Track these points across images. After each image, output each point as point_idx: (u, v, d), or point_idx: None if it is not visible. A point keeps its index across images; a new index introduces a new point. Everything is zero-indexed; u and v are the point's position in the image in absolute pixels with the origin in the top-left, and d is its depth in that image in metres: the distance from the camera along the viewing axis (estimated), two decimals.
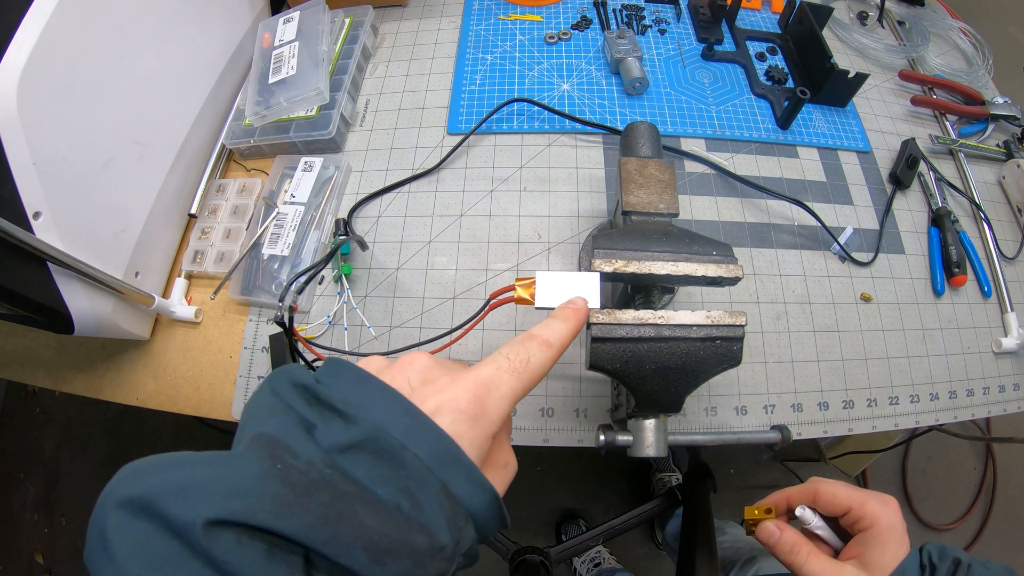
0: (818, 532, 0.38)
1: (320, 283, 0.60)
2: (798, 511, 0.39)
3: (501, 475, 0.25)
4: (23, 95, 0.40)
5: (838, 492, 0.37)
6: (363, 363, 0.23)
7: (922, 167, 0.69)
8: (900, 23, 0.85)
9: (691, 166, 0.66)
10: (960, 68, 0.80)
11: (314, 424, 0.19)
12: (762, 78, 0.73)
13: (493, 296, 0.36)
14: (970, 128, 0.75)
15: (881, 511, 0.36)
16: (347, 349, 0.56)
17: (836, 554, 0.38)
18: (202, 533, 0.15)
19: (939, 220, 0.65)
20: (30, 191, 0.41)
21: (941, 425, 0.59)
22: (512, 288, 0.34)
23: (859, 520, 0.36)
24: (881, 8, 0.84)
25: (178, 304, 0.59)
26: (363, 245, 0.59)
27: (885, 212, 0.65)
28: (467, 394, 0.21)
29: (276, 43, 0.69)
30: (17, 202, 0.41)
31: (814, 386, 0.56)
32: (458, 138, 0.66)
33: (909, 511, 1.35)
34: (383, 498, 0.18)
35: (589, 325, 0.37)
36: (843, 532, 0.38)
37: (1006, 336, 0.61)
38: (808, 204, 0.62)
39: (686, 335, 0.37)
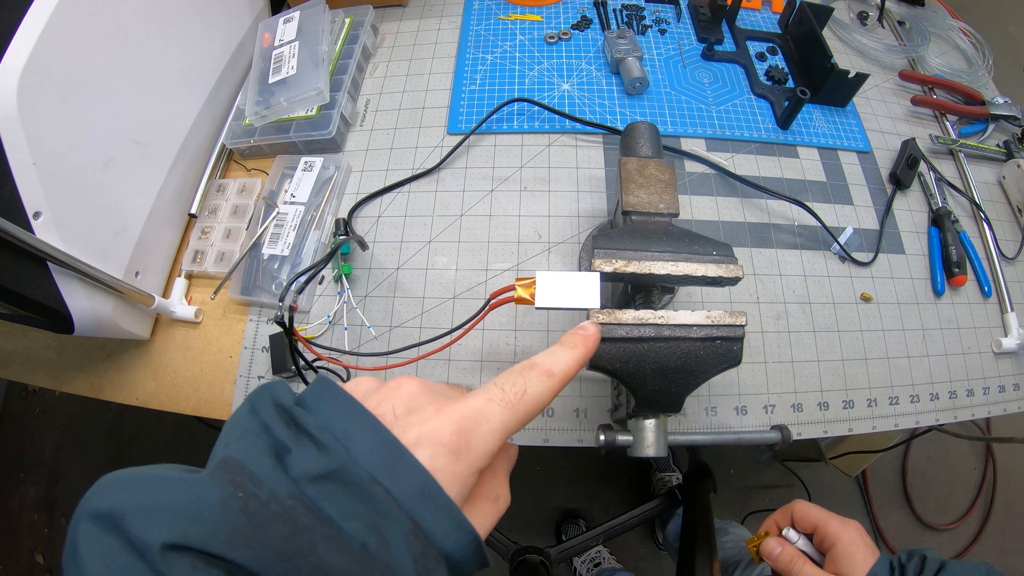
0: (803, 549, 0.44)
1: (320, 283, 0.60)
2: (784, 532, 0.45)
3: (490, 509, 0.23)
4: (23, 95, 0.40)
5: (808, 511, 0.44)
6: (351, 384, 0.23)
7: (922, 167, 0.69)
8: (900, 23, 0.85)
9: (691, 166, 0.66)
10: (960, 68, 0.80)
11: (289, 448, 0.19)
12: (762, 78, 0.73)
13: (493, 296, 0.36)
14: (970, 128, 0.75)
15: (841, 531, 0.41)
16: (347, 349, 0.56)
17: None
18: (160, 556, 0.15)
19: (939, 220, 0.65)
20: (30, 191, 0.41)
21: (941, 425, 0.59)
22: (512, 288, 0.34)
23: (824, 539, 0.42)
24: (881, 8, 0.84)
25: (178, 304, 0.59)
26: (363, 245, 0.59)
27: (885, 212, 0.65)
28: (451, 426, 0.20)
29: (276, 43, 0.69)
30: (17, 202, 0.41)
31: (814, 386, 0.56)
32: (458, 138, 0.66)
33: (909, 511, 1.35)
34: (349, 534, 0.17)
35: None
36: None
37: (1006, 336, 0.61)
38: (808, 204, 0.62)
39: (686, 335, 0.37)
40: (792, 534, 0.44)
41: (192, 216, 0.63)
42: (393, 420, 0.21)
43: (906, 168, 0.67)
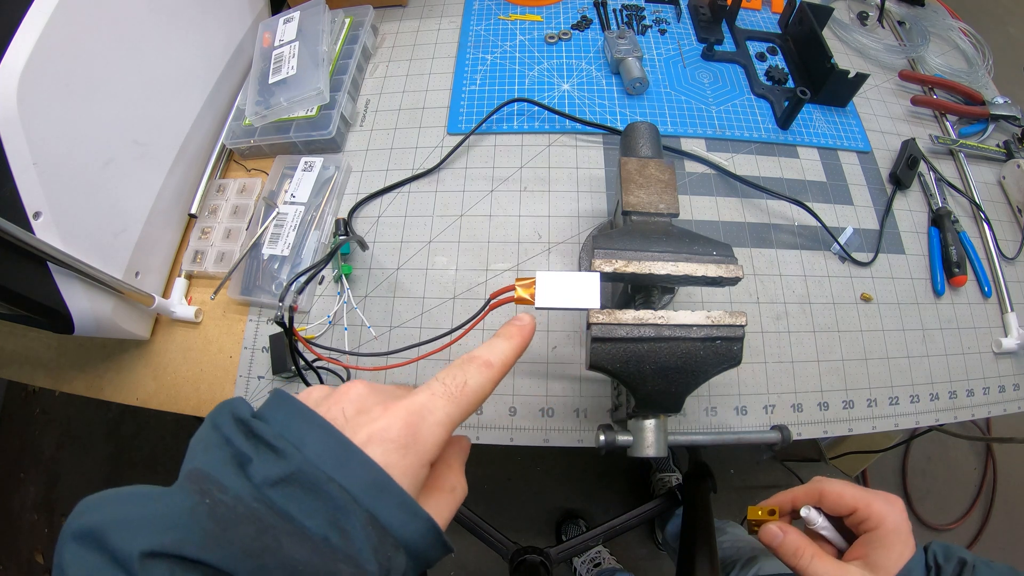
0: (823, 532, 0.38)
1: (320, 283, 0.60)
2: (803, 511, 0.39)
3: (447, 499, 0.25)
4: (23, 95, 0.40)
5: (844, 492, 0.37)
6: (303, 394, 0.24)
7: (922, 167, 0.69)
8: (900, 23, 0.85)
9: (691, 166, 0.66)
10: (960, 68, 0.80)
11: (250, 458, 0.20)
12: (762, 78, 0.73)
13: (493, 296, 0.36)
14: (970, 128, 0.75)
15: (887, 512, 0.36)
16: (347, 349, 0.56)
17: (840, 554, 0.38)
18: (139, 564, 0.16)
19: (939, 220, 0.65)
20: (30, 191, 0.41)
21: (941, 425, 0.59)
22: (512, 288, 0.34)
23: (865, 521, 0.36)
24: (881, 8, 0.84)
25: (178, 304, 0.59)
26: (363, 245, 0.59)
27: (885, 212, 0.65)
28: (398, 422, 0.21)
29: (276, 43, 0.69)
30: (17, 202, 0.41)
31: (814, 386, 0.56)
32: (458, 138, 0.66)
33: (909, 511, 1.34)
34: (311, 530, 0.19)
35: (589, 325, 0.37)
36: (847, 531, 0.38)
37: (1006, 336, 0.61)
38: (808, 204, 0.62)
39: (686, 335, 0.37)
40: (813, 515, 0.38)
41: (192, 216, 0.63)
42: (344, 423, 0.22)
43: (906, 168, 0.67)
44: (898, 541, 0.35)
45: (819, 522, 0.38)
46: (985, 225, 0.66)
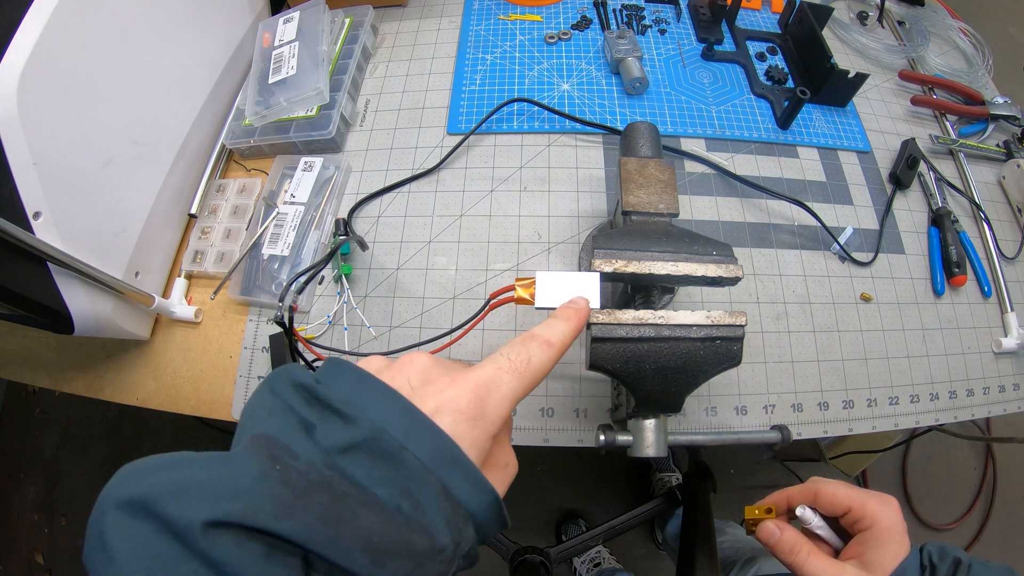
0: (818, 532, 0.39)
1: (320, 283, 0.60)
2: (798, 511, 0.39)
3: (501, 475, 0.25)
4: (23, 95, 0.40)
5: (838, 492, 0.37)
6: (363, 363, 0.23)
7: (922, 167, 0.69)
8: (900, 23, 0.85)
9: (691, 166, 0.66)
10: (960, 68, 0.80)
11: (313, 424, 0.19)
12: (762, 78, 0.73)
13: (493, 296, 0.36)
14: (970, 128, 0.75)
15: (881, 511, 0.36)
16: (347, 349, 0.56)
17: (836, 554, 0.39)
18: (201, 534, 0.15)
19: (939, 220, 0.65)
20: (30, 191, 0.41)
21: (941, 425, 0.59)
22: (512, 288, 0.34)
23: (859, 520, 0.36)
24: (881, 8, 0.84)
25: (178, 304, 0.59)
26: (363, 245, 0.59)
27: (885, 212, 0.65)
28: (467, 394, 0.21)
29: (276, 43, 0.69)
30: (17, 202, 0.41)
31: (814, 386, 0.56)
32: (458, 138, 0.66)
33: (909, 511, 1.35)
34: (383, 499, 0.18)
35: (589, 325, 0.37)
36: (843, 532, 0.39)
37: (1006, 336, 0.61)
38: (808, 204, 0.62)
39: (686, 335, 0.36)
40: (808, 514, 0.38)
41: (192, 216, 0.63)
42: (410, 392, 0.21)
43: (906, 168, 0.67)
44: (892, 540, 0.35)
45: (815, 521, 0.39)
46: (985, 225, 0.66)
